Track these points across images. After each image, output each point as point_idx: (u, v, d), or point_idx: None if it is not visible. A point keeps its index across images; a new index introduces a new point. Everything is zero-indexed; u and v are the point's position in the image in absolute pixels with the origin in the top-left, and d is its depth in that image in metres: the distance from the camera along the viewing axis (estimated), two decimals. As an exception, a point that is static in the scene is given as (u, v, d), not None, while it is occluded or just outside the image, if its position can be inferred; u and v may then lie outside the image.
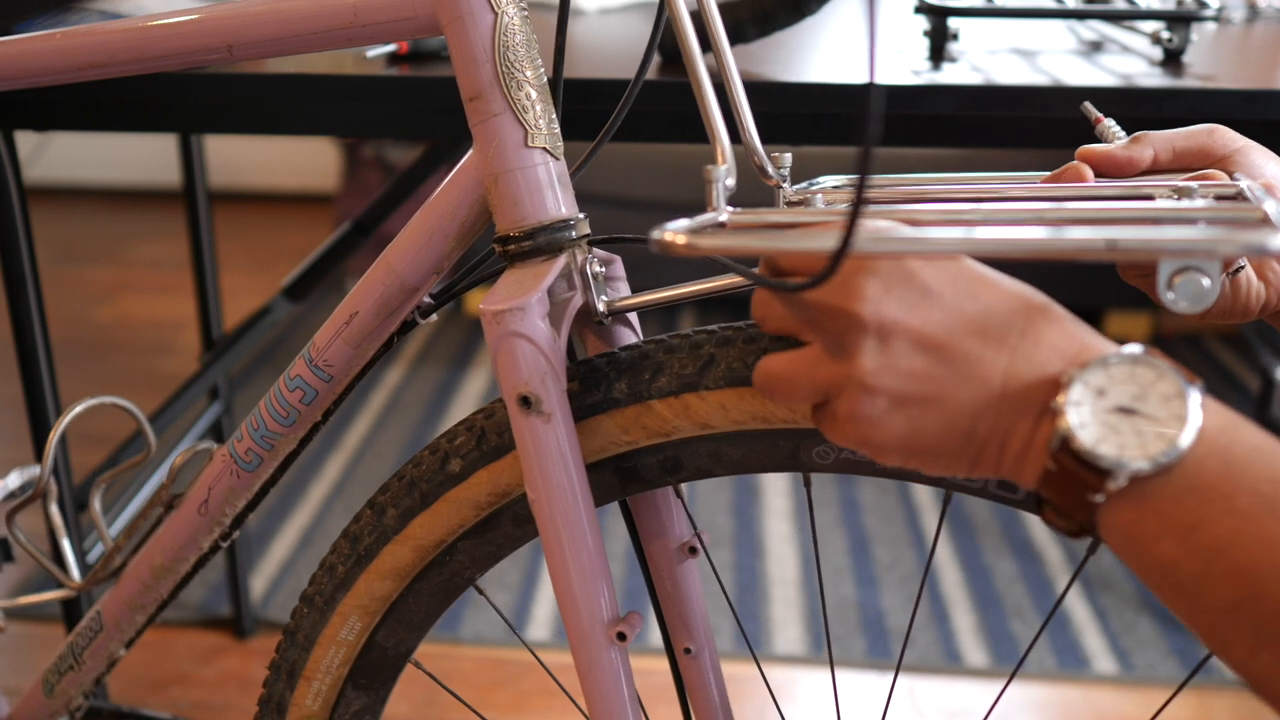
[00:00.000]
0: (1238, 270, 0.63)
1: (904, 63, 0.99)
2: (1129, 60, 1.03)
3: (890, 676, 1.66)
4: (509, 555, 0.66)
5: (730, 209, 0.54)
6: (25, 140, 3.47)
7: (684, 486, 0.68)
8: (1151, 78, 0.96)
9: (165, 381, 2.45)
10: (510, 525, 0.63)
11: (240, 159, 3.79)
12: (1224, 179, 0.60)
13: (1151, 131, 0.65)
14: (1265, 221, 0.46)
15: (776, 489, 2.13)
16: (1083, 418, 0.43)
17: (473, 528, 0.64)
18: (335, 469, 2.18)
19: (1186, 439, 0.42)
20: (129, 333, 2.86)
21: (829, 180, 0.65)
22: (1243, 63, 1.09)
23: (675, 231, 0.47)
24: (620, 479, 0.61)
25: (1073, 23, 1.21)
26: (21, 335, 1.10)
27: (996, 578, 1.88)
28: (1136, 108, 0.92)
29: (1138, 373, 0.44)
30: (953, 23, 1.02)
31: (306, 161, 3.75)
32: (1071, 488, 0.44)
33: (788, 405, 0.52)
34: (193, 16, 0.63)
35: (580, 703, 0.64)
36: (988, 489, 0.54)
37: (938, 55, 1.01)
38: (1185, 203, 0.55)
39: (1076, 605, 1.81)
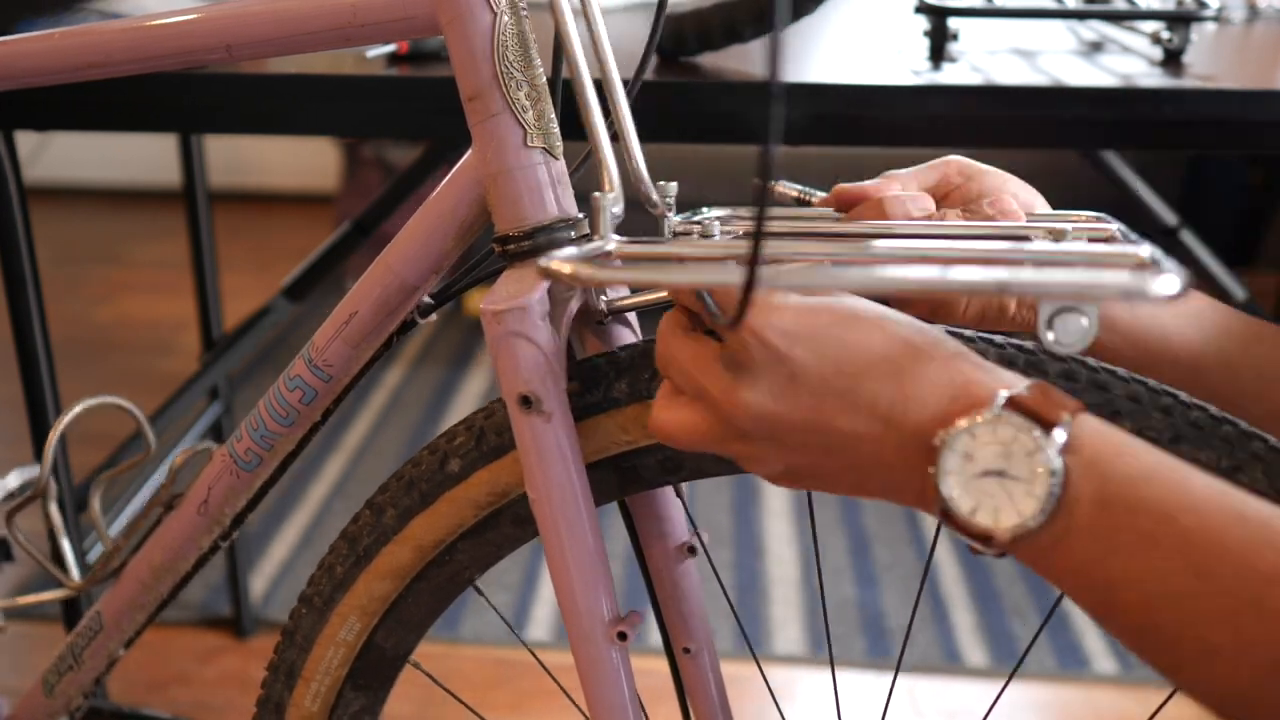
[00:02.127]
0: None
1: (904, 63, 0.99)
2: (1129, 60, 1.03)
3: (888, 675, 1.66)
4: (508, 555, 0.66)
5: (618, 237, 0.56)
6: (25, 140, 3.46)
7: (684, 486, 0.68)
8: (1151, 78, 0.96)
9: (165, 381, 2.44)
10: (510, 525, 0.63)
11: (240, 159, 3.79)
12: (1096, 221, 0.62)
13: (897, 170, 0.69)
14: (1143, 266, 0.47)
15: (776, 489, 2.12)
16: (954, 488, 0.45)
17: (472, 528, 0.64)
18: (335, 469, 2.18)
19: (1052, 494, 0.43)
20: (129, 333, 2.86)
21: (712, 212, 0.66)
22: (1243, 63, 1.09)
23: (562, 260, 0.49)
24: (620, 478, 0.61)
25: (1073, 23, 1.21)
26: (21, 335, 1.10)
27: (996, 577, 1.88)
28: (1136, 108, 0.92)
29: (1000, 432, 0.44)
30: (953, 23, 1.02)
31: (306, 161, 3.75)
32: (970, 537, 0.46)
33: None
34: (191, 17, 0.63)
35: (579, 702, 0.64)
36: None
37: (938, 55, 1.01)
38: (1064, 245, 0.56)
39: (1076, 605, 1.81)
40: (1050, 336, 0.45)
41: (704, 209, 0.67)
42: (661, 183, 0.64)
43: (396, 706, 1.55)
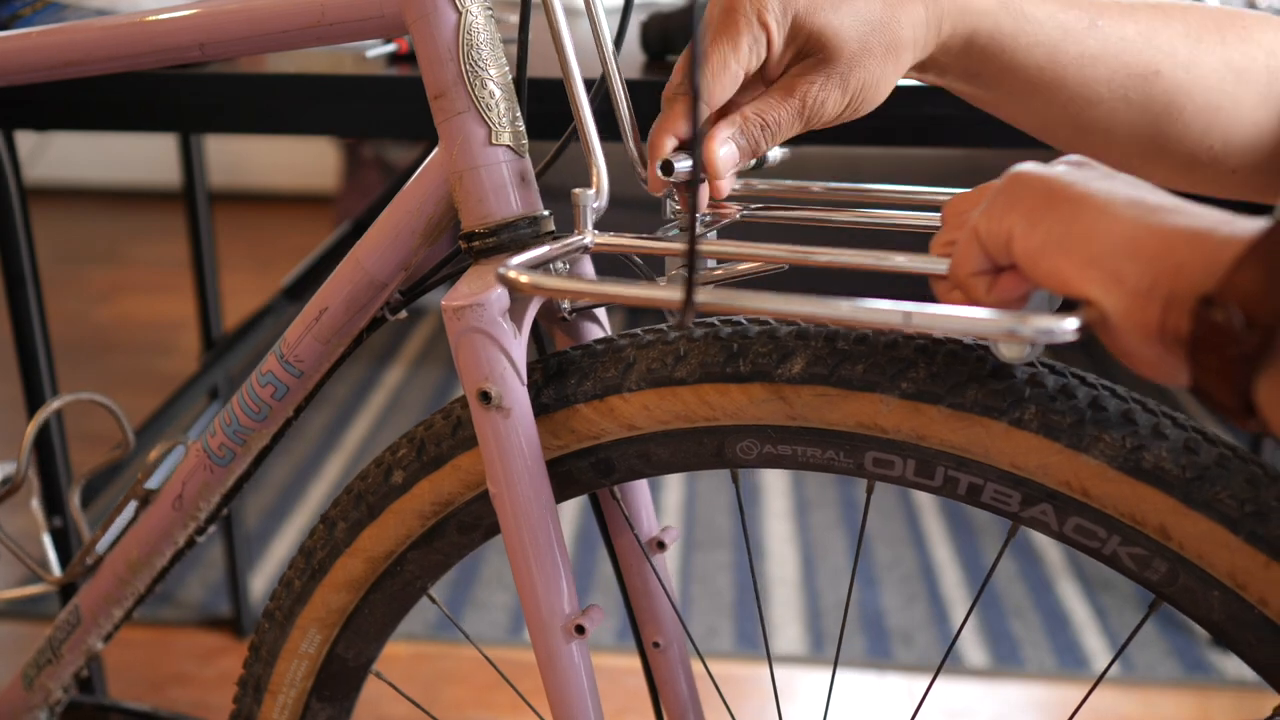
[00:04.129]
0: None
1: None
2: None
3: (889, 676, 1.66)
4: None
5: (596, 232, 0.58)
6: (25, 140, 3.49)
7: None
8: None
9: (165, 381, 2.46)
10: (456, 533, 0.64)
11: (240, 159, 3.80)
12: None
13: None
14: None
15: (776, 490, 2.13)
16: None
17: (420, 537, 0.65)
18: (335, 469, 2.19)
19: None
20: (129, 333, 2.87)
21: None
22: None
23: (519, 269, 0.51)
24: (557, 483, 0.62)
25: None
26: (21, 335, 1.11)
27: (996, 578, 1.88)
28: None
29: None
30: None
31: (306, 161, 3.76)
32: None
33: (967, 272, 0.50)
34: (165, 16, 0.63)
35: (533, 701, 0.64)
36: (912, 480, 0.55)
37: (938, 55, 1.01)
38: None
39: (1076, 605, 1.81)
40: (993, 347, 0.47)
41: None
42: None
43: (394, 707, 1.55)
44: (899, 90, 0.92)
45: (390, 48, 1.00)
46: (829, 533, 2.00)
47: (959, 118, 0.94)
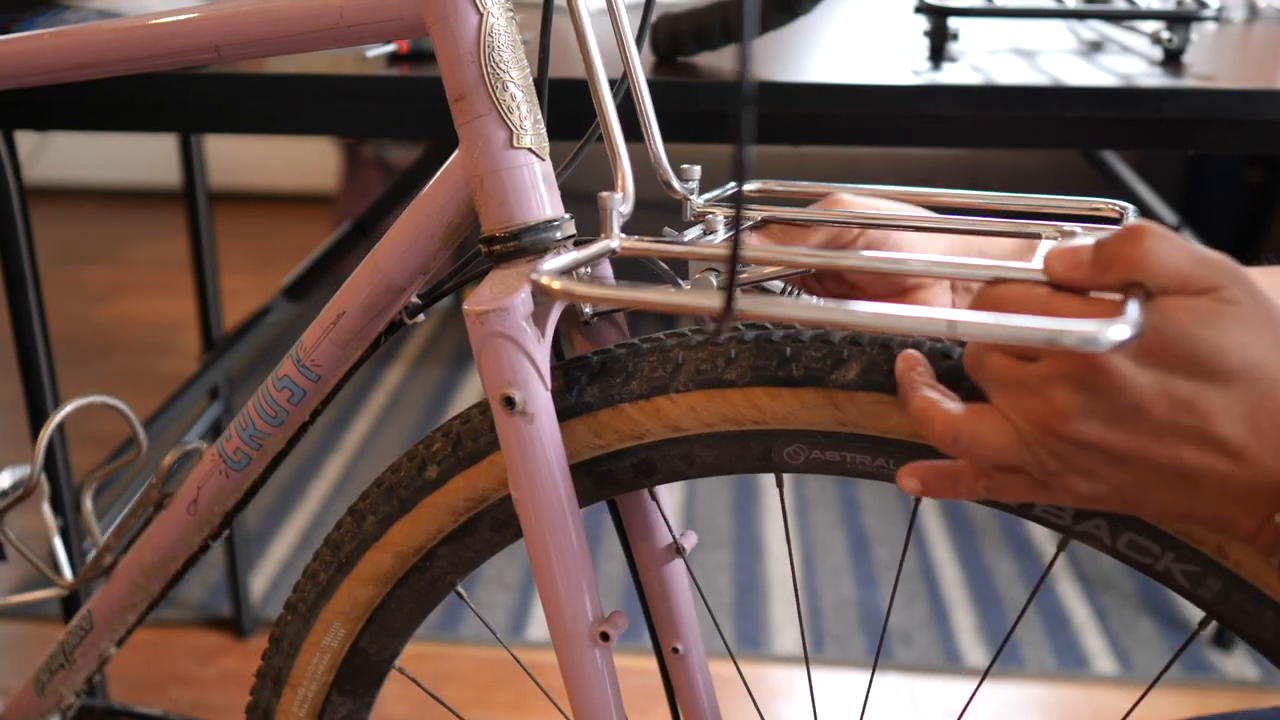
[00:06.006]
0: None
1: (904, 63, 0.99)
2: (1129, 60, 1.03)
3: (888, 676, 1.66)
4: (494, 557, 0.66)
5: (623, 236, 0.57)
6: (25, 140, 3.48)
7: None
8: (1151, 78, 0.96)
9: (165, 381, 2.45)
10: (489, 530, 0.63)
11: (240, 159, 3.79)
12: (1111, 217, 0.60)
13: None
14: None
15: (776, 489, 2.12)
16: None
17: (451, 533, 0.64)
18: (335, 469, 2.18)
19: None
20: (129, 333, 2.87)
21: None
22: (1243, 63, 1.09)
23: (551, 275, 0.50)
24: (595, 483, 0.61)
25: (1073, 23, 1.20)
26: (21, 335, 1.10)
27: (996, 578, 1.88)
28: (1136, 108, 0.92)
29: None
30: (953, 23, 1.02)
31: (306, 161, 3.76)
32: None
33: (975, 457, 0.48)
34: (180, 17, 0.63)
35: (561, 702, 0.64)
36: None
37: (938, 55, 1.01)
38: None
39: (1076, 605, 1.81)
40: None
41: (730, 185, 0.67)
42: (685, 166, 0.64)
43: (393, 708, 1.55)
44: (898, 90, 0.93)
45: (390, 48, 0.99)
46: (829, 533, 2.00)
47: (959, 118, 0.94)
